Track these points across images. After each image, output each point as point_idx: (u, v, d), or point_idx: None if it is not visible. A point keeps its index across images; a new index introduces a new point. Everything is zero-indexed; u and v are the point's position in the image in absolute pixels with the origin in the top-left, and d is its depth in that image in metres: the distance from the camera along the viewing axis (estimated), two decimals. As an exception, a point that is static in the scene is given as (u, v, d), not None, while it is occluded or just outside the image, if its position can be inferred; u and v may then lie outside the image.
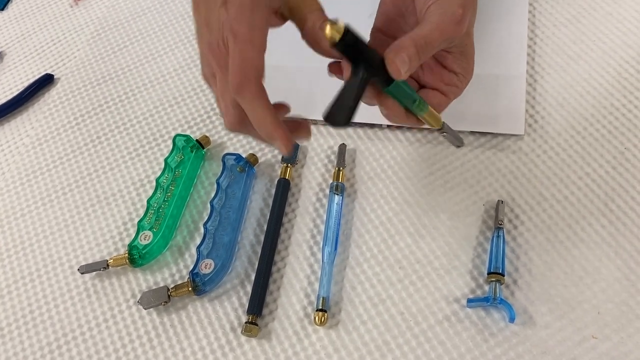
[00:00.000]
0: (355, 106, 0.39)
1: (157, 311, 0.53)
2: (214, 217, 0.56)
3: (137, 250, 0.55)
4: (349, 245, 0.54)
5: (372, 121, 0.60)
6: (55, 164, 0.63)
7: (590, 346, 0.47)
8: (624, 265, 0.50)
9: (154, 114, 0.66)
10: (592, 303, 0.49)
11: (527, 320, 0.49)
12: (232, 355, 0.50)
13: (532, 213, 0.54)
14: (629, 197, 0.54)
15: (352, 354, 0.49)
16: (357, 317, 0.51)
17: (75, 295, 0.55)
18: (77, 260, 0.57)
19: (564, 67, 0.62)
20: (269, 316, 0.52)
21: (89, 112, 0.67)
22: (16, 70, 0.72)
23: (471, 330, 0.49)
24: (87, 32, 0.74)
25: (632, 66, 0.61)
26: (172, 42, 0.71)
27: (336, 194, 0.56)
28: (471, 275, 0.52)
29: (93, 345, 0.52)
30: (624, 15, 0.64)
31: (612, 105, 0.59)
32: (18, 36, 0.75)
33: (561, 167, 0.56)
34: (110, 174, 0.62)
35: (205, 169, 0.61)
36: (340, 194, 0.56)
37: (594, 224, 0.53)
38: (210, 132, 0.63)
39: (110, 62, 0.71)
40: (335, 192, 0.56)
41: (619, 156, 0.56)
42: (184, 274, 0.55)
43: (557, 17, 0.65)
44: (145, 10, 0.75)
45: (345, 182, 0.57)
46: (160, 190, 0.57)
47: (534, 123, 0.59)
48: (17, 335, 0.54)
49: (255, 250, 0.55)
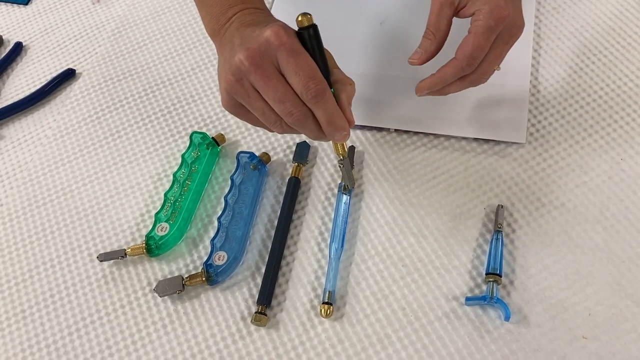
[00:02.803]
0: None
1: (172, 299, 0.56)
2: (227, 211, 0.58)
3: (154, 240, 0.57)
4: (354, 243, 0.57)
5: (381, 125, 0.63)
6: (76, 156, 0.66)
7: (581, 346, 0.50)
8: (616, 270, 0.53)
9: (172, 111, 0.68)
10: (584, 305, 0.52)
11: (522, 320, 0.52)
12: (242, 343, 0.53)
13: (530, 218, 0.57)
14: (623, 206, 0.56)
15: (355, 346, 0.52)
16: (361, 310, 0.54)
17: (93, 281, 0.58)
18: (96, 249, 0.60)
19: (566, 78, 0.64)
20: (277, 307, 0.55)
21: (109, 107, 0.70)
22: (39, 64, 0.75)
23: (468, 327, 0.52)
24: (108, 29, 0.77)
25: (631, 80, 0.63)
26: (190, 42, 0.74)
27: (344, 194, 0.59)
28: (470, 275, 0.55)
29: (110, 329, 0.55)
30: (626, 31, 0.67)
31: (610, 117, 0.61)
32: (41, 31, 0.78)
33: (559, 175, 0.59)
34: (129, 167, 0.65)
35: (220, 166, 0.64)
36: (348, 193, 0.59)
37: (588, 230, 0.55)
38: (225, 131, 0.66)
39: (130, 59, 0.73)
40: (343, 192, 0.59)
41: (615, 166, 0.59)
42: (197, 265, 0.58)
43: (561, 31, 0.68)
44: (164, 10, 0.77)
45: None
46: (177, 185, 0.60)
47: (535, 132, 0.61)
48: (39, 318, 0.56)
49: (266, 244, 0.58)
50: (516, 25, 0.51)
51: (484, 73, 0.52)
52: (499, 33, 0.50)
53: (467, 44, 0.50)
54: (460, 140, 0.62)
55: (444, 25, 0.51)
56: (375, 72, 0.67)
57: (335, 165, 0.62)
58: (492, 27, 0.49)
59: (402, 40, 0.69)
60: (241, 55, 0.43)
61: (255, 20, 0.49)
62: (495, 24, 0.49)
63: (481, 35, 0.49)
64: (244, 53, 0.43)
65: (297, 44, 0.43)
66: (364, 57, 0.68)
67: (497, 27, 0.49)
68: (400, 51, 0.68)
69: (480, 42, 0.49)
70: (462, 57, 0.50)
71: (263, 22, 0.48)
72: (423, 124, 0.62)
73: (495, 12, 0.49)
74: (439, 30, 0.51)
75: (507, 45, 0.52)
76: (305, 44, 0.44)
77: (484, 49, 0.50)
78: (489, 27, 0.49)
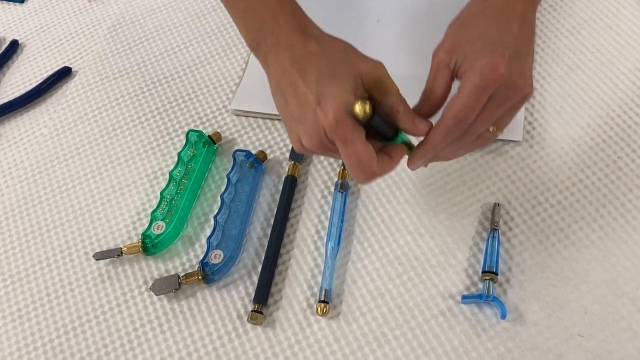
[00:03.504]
0: None
1: (168, 298, 0.56)
2: (223, 210, 0.58)
3: (150, 239, 0.57)
4: (351, 241, 0.57)
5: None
6: (72, 154, 0.66)
7: (577, 344, 0.50)
8: (612, 268, 0.53)
9: (168, 109, 0.68)
10: (580, 303, 0.52)
11: (518, 318, 0.52)
12: (238, 342, 0.53)
13: (526, 216, 0.57)
14: (619, 204, 0.56)
15: (351, 344, 0.52)
16: (357, 309, 0.54)
17: (89, 280, 0.58)
18: (92, 247, 0.60)
19: (563, 76, 0.64)
20: (273, 306, 0.55)
21: (106, 105, 0.69)
22: (35, 62, 0.75)
23: (464, 325, 0.52)
24: (104, 27, 0.77)
25: (629, 78, 0.63)
26: (186, 40, 0.74)
27: (340, 192, 0.59)
28: (466, 273, 0.55)
29: (106, 328, 0.55)
30: (623, 28, 0.67)
31: (607, 116, 0.61)
32: (37, 29, 0.78)
33: (556, 173, 0.59)
34: (125, 165, 0.65)
35: (216, 164, 0.64)
36: (345, 192, 0.59)
37: (584, 228, 0.55)
38: (221, 129, 0.66)
39: (126, 57, 0.73)
40: (340, 190, 0.59)
41: (611, 164, 0.59)
42: (194, 263, 0.58)
43: (558, 28, 0.68)
44: (160, 8, 0.77)
45: (349, 181, 0.60)
46: (173, 183, 0.60)
47: (532, 130, 0.61)
48: (34, 317, 0.56)
49: (262, 243, 0.58)
50: (516, 86, 0.44)
51: (474, 134, 0.47)
52: (495, 93, 0.44)
53: (453, 103, 0.44)
54: (457, 138, 0.62)
55: (441, 89, 0.46)
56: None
57: (332, 163, 0.62)
58: (481, 87, 0.43)
59: (398, 38, 0.69)
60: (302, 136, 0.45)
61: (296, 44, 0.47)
62: (485, 83, 0.43)
63: (468, 95, 0.43)
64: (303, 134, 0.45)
65: (345, 129, 0.42)
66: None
67: (488, 87, 0.43)
68: (397, 49, 0.68)
69: (467, 102, 0.44)
70: (447, 116, 0.44)
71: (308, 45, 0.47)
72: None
73: (486, 70, 0.43)
74: (433, 93, 0.47)
75: (501, 107, 0.45)
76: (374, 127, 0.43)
77: (472, 110, 0.44)
78: (478, 87, 0.43)
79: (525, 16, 0.47)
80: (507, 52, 0.44)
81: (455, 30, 0.48)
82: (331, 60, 0.45)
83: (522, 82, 0.45)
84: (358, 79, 0.44)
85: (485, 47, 0.45)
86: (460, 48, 0.46)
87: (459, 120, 0.44)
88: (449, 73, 0.46)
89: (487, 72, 0.43)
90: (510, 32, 0.46)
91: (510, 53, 0.44)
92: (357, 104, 0.41)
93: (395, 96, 0.45)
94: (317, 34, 0.48)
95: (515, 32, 0.46)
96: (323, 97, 0.43)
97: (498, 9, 0.47)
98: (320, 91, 0.43)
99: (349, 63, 0.45)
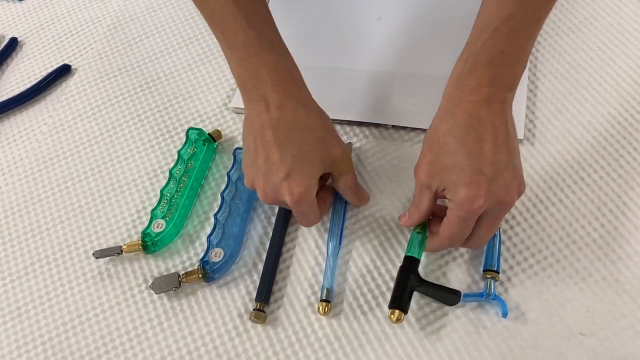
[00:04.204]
0: None
1: (168, 296, 0.56)
2: (224, 208, 0.58)
3: (150, 237, 0.57)
4: (352, 240, 0.57)
5: (379, 121, 0.63)
6: (72, 152, 0.66)
7: (578, 342, 0.50)
8: (613, 266, 0.53)
9: (168, 107, 0.68)
10: (581, 301, 0.52)
11: (519, 316, 0.52)
12: (239, 340, 0.53)
13: (527, 214, 0.56)
14: (620, 202, 0.56)
15: (352, 343, 0.52)
16: (358, 307, 0.54)
17: (89, 278, 0.58)
18: (92, 245, 0.60)
19: (564, 74, 0.64)
20: (274, 304, 0.55)
21: (105, 103, 0.69)
22: (34, 60, 0.74)
23: (466, 323, 0.52)
24: (104, 24, 0.76)
25: (630, 76, 0.63)
26: (186, 37, 0.73)
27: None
28: (468, 271, 0.54)
29: (106, 326, 0.55)
30: (624, 26, 0.67)
31: (608, 114, 0.61)
32: (37, 26, 0.78)
33: (557, 171, 0.58)
34: (125, 163, 0.64)
35: (216, 162, 0.63)
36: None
37: (586, 226, 0.55)
38: (221, 127, 0.65)
39: (126, 54, 0.73)
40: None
41: (613, 163, 0.58)
42: (194, 262, 0.58)
43: (559, 26, 0.68)
44: (160, 5, 0.77)
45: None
46: (173, 181, 0.60)
47: (533, 128, 0.61)
48: (34, 315, 0.56)
49: (263, 241, 0.58)
50: (501, 203, 0.46)
51: (479, 244, 0.51)
52: (485, 211, 0.46)
53: (444, 226, 0.48)
54: (458, 136, 0.61)
55: (426, 205, 0.50)
56: (372, 68, 0.66)
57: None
58: (464, 218, 0.46)
59: (399, 36, 0.69)
60: (258, 188, 0.51)
61: (284, 102, 0.50)
62: (466, 215, 0.46)
63: (455, 224, 0.47)
64: (261, 188, 0.51)
65: (303, 206, 0.51)
66: (361, 53, 0.68)
67: (470, 217, 0.46)
68: (397, 47, 0.68)
69: (454, 230, 0.47)
70: (442, 236, 0.49)
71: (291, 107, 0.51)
72: (421, 120, 0.62)
73: (466, 205, 0.45)
74: (421, 205, 0.50)
75: (497, 219, 0.48)
76: None
77: (461, 233, 0.48)
78: (461, 218, 0.46)
79: (495, 124, 0.46)
80: (483, 178, 0.45)
81: (429, 151, 0.49)
82: (310, 141, 0.50)
83: (506, 197, 0.46)
84: (328, 163, 0.52)
85: (461, 178, 0.45)
86: (438, 174, 0.47)
87: (452, 240, 0.49)
88: (431, 193, 0.49)
89: (467, 205, 0.45)
90: (482, 156, 0.45)
91: (487, 178, 0.45)
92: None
93: (350, 176, 0.55)
94: (307, 103, 0.52)
95: (488, 153, 0.45)
96: (292, 175, 0.49)
97: (464, 129, 0.46)
98: (292, 168, 0.49)
99: (325, 147, 0.52)
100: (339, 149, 0.53)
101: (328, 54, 0.69)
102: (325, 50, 0.69)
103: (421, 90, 0.64)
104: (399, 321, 0.49)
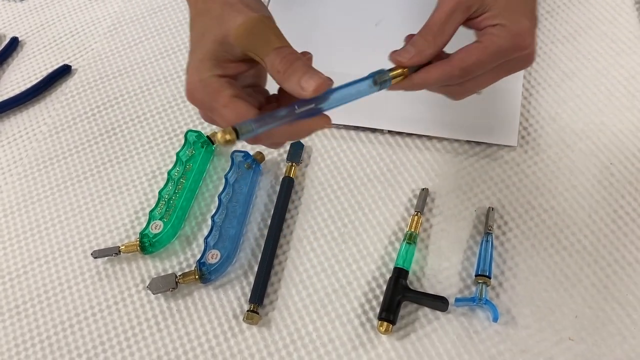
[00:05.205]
0: None
1: (165, 296, 0.57)
2: (221, 210, 0.59)
3: (147, 238, 0.58)
4: (347, 244, 0.58)
5: (374, 126, 0.64)
6: (71, 152, 0.67)
7: (567, 347, 0.51)
8: (602, 273, 0.54)
9: (167, 109, 0.69)
10: (571, 307, 0.53)
11: (510, 321, 0.53)
12: (234, 341, 0.54)
13: (520, 220, 0.57)
14: (611, 210, 0.57)
15: (345, 345, 0.53)
16: (352, 310, 0.54)
17: (87, 278, 0.58)
18: (90, 245, 0.60)
19: (559, 82, 0.65)
20: (269, 306, 0.55)
21: (105, 104, 0.70)
22: (35, 60, 0.75)
23: (457, 327, 0.53)
24: (104, 25, 0.77)
25: (624, 86, 0.64)
26: (186, 39, 0.74)
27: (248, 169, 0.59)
28: (460, 276, 0.55)
29: (103, 326, 0.56)
30: (618, 36, 0.67)
31: (601, 122, 0.62)
32: (37, 26, 0.78)
33: (550, 178, 0.59)
34: (124, 164, 0.65)
35: (214, 164, 0.64)
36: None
37: (576, 233, 0.56)
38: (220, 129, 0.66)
39: (126, 56, 0.74)
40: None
41: (604, 171, 0.59)
42: (191, 263, 0.58)
43: (554, 34, 0.69)
44: (161, 7, 0.77)
45: (342, 183, 0.61)
46: (172, 183, 0.61)
47: (527, 135, 0.62)
48: (32, 314, 0.57)
49: (259, 243, 0.59)
50: (529, 59, 0.43)
51: (465, 92, 0.45)
52: (508, 60, 0.42)
53: (469, 54, 0.41)
54: (453, 142, 0.62)
55: (450, 31, 0.42)
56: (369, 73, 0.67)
57: (329, 165, 0.63)
58: (504, 51, 0.41)
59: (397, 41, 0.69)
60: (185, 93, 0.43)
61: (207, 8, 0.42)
62: (511, 49, 0.41)
63: (488, 53, 0.41)
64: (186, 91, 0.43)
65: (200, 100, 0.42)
66: (358, 58, 0.68)
67: (509, 53, 0.41)
68: (395, 53, 0.68)
69: (484, 59, 0.41)
70: (455, 65, 0.42)
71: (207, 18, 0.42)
72: (416, 126, 0.63)
73: (518, 40, 0.41)
74: (442, 34, 0.42)
75: (507, 73, 0.44)
76: None
77: (484, 67, 0.42)
78: (502, 50, 0.41)
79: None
80: (534, 19, 0.41)
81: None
82: (207, 21, 0.42)
83: (534, 55, 0.43)
84: (228, 43, 0.40)
85: (513, 6, 0.41)
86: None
87: (466, 72, 0.42)
88: (464, 18, 0.42)
89: (518, 39, 0.41)
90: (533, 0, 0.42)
91: (535, 21, 0.42)
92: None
93: (272, 55, 0.39)
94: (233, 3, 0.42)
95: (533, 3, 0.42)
96: (187, 68, 0.42)
97: None
98: (188, 59, 0.42)
99: (222, 22, 0.40)
100: (240, 18, 0.40)
101: (325, 59, 0.69)
102: (323, 55, 0.69)
103: (417, 96, 0.64)
104: (387, 332, 0.51)
